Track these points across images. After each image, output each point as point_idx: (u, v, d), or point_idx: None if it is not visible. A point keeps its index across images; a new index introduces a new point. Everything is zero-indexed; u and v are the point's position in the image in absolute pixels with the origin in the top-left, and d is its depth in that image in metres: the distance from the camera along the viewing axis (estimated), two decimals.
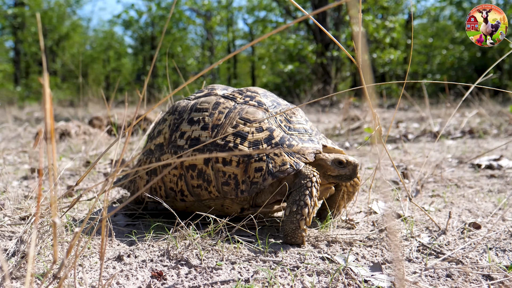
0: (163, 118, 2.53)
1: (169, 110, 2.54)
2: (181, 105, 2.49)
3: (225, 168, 2.23)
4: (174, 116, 2.45)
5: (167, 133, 2.37)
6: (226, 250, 2.04)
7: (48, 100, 1.19)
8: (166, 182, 2.37)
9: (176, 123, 2.41)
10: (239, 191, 2.21)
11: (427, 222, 2.53)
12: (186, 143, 2.32)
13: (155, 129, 2.56)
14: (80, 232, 1.40)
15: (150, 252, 2.04)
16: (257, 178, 2.19)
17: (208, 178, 2.25)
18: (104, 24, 40.90)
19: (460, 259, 1.94)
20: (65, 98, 24.46)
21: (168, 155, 2.35)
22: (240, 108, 2.35)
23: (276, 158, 2.21)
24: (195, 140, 2.31)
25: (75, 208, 2.84)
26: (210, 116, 2.33)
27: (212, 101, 2.40)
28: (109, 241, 2.21)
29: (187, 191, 2.32)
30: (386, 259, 1.97)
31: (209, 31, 29.96)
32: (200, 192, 2.29)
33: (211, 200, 2.31)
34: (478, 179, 3.76)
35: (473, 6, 23.71)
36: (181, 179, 2.32)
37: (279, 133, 2.29)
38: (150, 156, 2.47)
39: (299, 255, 2.00)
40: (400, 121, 9.15)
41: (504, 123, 7.43)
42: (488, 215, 2.67)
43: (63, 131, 6.58)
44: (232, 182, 2.22)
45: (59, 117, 11.98)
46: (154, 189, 2.43)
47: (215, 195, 2.27)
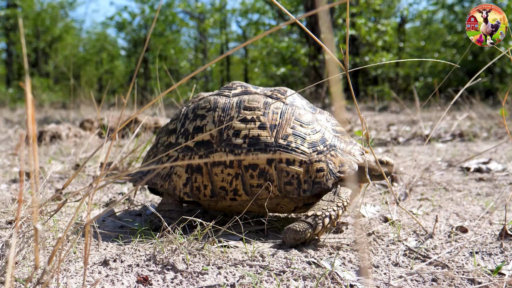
0: (197, 114, 2.45)
1: (201, 106, 2.47)
2: (219, 101, 2.44)
3: (288, 168, 2.29)
4: (217, 113, 2.40)
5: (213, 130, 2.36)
6: (213, 254, 2.03)
7: (30, 105, 1.19)
8: (216, 181, 2.33)
9: (223, 120, 2.38)
10: (301, 190, 2.28)
11: (414, 226, 2.53)
12: (244, 142, 2.31)
13: (182, 126, 2.48)
14: (63, 238, 1.40)
15: (136, 257, 2.03)
16: (319, 178, 2.29)
17: (270, 177, 2.29)
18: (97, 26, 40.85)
19: (446, 263, 1.94)
20: (57, 100, 24.37)
21: (221, 153, 2.31)
22: (291, 109, 2.41)
23: (334, 159, 2.34)
24: (255, 139, 2.32)
25: (62, 211, 2.83)
26: (265, 115, 2.36)
27: (260, 100, 2.42)
28: (95, 245, 2.20)
29: (243, 190, 2.32)
30: (373, 263, 1.98)
31: (202, 33, 29.94)
32: (262, 191, 2.31)
33: (268, 200, 2.34)
34: (467, 182, 3.78)
35: (464, 9, 23.84)
36: (237, 178, 2.31)
37: (329, 135, 2.42)
38: (189, 153, 2.37)
39: (286, 260, 2.00)
40: (392, 124, 9.18)
41: (494, 126, 7.47)
42: (475, 219, 2.68)
43: (53, 133, 6.56)
44: (295, 182, 2.29)
45: (51, 120, 11.93)
46: (196, 188, 2.36)
47: (276, 194, 2.31)
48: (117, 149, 5.26)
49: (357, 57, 20.24)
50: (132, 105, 16.27)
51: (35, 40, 31.63)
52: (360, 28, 17.46)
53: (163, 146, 2.51)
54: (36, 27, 31.49)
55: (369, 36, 18.29)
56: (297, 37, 19.54)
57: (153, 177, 2.41)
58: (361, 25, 17.40)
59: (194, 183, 2.35)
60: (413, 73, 28.14)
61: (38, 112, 16.07)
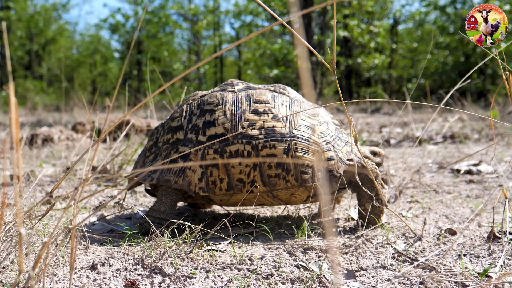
0: (204, 109, 2.45)
1: (208, 101, 2.47)
2: (227, 96, 2.46)
3: (304, 157, 2.36)
4: (228, 107, 2.42)
5: (227, 123, 2.34)
6: (202, 258, 2.03)
7: (14, 109, 1.19)
8: (233, 173, 2.33)
9: (236, 113, 2.40)
10: (316, 178, 2.37)
11: (403, 228, 2.54)
12: (260, 133, 2.35)
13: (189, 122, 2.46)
14: (49, 242, 1.40)
15: (124, 261, 2.03)
16: (331, 166, 2.41)
17: (287, 167, 2.34)
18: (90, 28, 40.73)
19: (434, 266, 1.95)
20: (51, 103, 24.29)
21: (238, 145, 2.32)
22: (298, 103, 2.51)
23: (341, 148, 2.48)
24: (270, 130, 2.36)
25: (52, 215, 2.83)
26: (275, 108, 2.42)
27: (268, 93, 2.48)
28: (84, 249, 2.19)
29: (260, 182, 2.34)
30: (361, 266, 1.98)
31: (195, 35, 29.93)
32: (277, 181, 2.35)
33: (284, 190, 2.38)
34: (457, 184, 3.79)
35: (456, 11, 23.95)
36: (255, 169, 2.34)
37: (332, 126, 2.55)
38: (202, 148, 2.36)
39: (274, 263, 2.00)
40: (384, 126, 9.20)
41: (485, 128, 7.50)
42: (465, 221, 2.69)
43: (45, 136, 6.54)
44: (309, 170, 2.36)
45: (44, 122, 11.89)
46: (212, 182, 2.35)
47: (292, 183, 2.35)
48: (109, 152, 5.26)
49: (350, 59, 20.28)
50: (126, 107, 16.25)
51: (29, 43, 31.54)
52: (353, 30, 17.49)
53: (167, 143, 2.48)
54: (30, 29, 31.39)
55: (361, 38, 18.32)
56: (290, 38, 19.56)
57: (165, 173, 2.39)
58: (353, 27, 17.44)
59: (209, 177, 2.34)
60: (406, 75, 28.24)
61: (31, 115, 16.02)
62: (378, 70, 25.61)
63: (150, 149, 2.58)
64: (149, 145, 2.61)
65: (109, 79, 35.85)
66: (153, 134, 2.64)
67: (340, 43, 23.42)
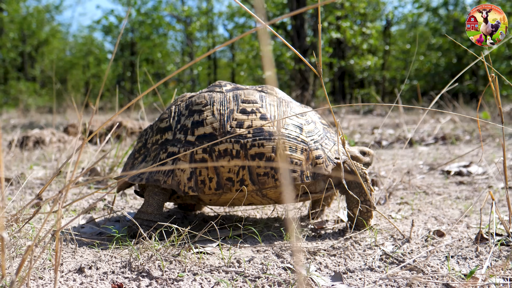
0: (192, 110, 2.47)
1: (196, 102, 2.49)
2: (215, 96, 2.49)
3: (292, 156, 2.39)
4: (216, 107, 2.44)
5: (215, 123, 2.37)
6: (189, 260, 2.03)
7: None
8: (222, 172, 2.35)
9: (224, 113, 2.42)
10: (304, 176, 2.40)
11: (392, 230, 2.55)
12: (248, 132, 2.37)
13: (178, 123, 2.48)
14: (32, 246, 1.39)
15: (112, 264, 2.02)
16: (319, 164, 2.43)
17: (276, 166, 2.35)
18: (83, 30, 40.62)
19: (421, 268, 1.95)
20: (43, 105, 24.20)
21: (227, 144, 2.35)
22: (285, 102, 2.55)
23: (328, 147, 2.52)
24: (258, 129, 2.39)
25: (41, 218, 2.82)
26: (263, 107, 2.46)
27: (255, 93, 2.51)
28: (72, 252, 2.19)
29: (249, 180, 2.36)
30: (349, 268, 1.98)
31: (189, 37, 29.90)
32: (266, 180, 2.36)
33: (273, 188, 2.40)
34: (447, 186, 3.80)
35: (448, 13, 24.03)
36: (244, 168, 2.35)
37: (320, 126, 2.59)
38: (190, 147, 2.38)
39: (262, 265, 2.00)
40: (376, 127, 9.22)
41: (477, 129, 7.52)
42: (453, 223, 2.69)
43: (37, 139, 6.52)
44: (298, 169, 2.39)
45: (36, 124, 11.85)
46: (201, 182, 2.36)
47: (282, 182, 2.36)
48: (100, 154, 5.24)
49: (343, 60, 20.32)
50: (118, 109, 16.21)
51: (21, 44, 31.42)
52: (345, 31, 17.52)
53: (156, 144, 2.48)
54: (22, 31, 31.27)
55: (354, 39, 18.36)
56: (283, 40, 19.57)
57: (154, 174, 2.39)
58: (346, 28, 17.47)
59: (199, 176, 2.36)
60: (399, 76, 28.31)
61: (24, 117, 15.96)
62: (371, 71, 25.69)
63: (139, 150, 2.58)
64: (138, 146, 2.61)
65: (102, 80, 35.73)
66: (141, 136, 2.64)
67: (333, 45, 23.46)
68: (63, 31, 37.77)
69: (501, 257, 2.08)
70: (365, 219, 2.53)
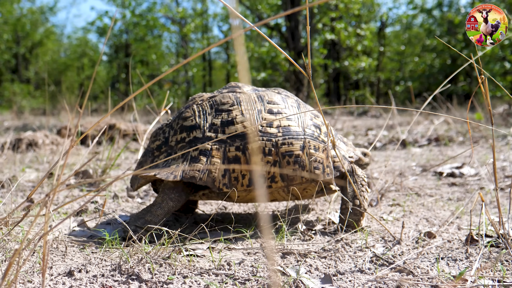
0: (219, 109, 2.54)
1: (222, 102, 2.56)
2: (240, 97, 2.58)
3: (315, 154, 2.54)
4: (244, 107, 2.53)
5: (246, 122, 2.46)
6: (179, 263, 2.03)
7: None
8: (255, 169, 2.42)
9: (252, 113, 2.52)
10: (325, 174, 2.56)
11: (383, 232, 2.55)
12: (278, 131, 2.50)
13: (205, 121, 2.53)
14: (20, 249, 1.39)
15: (102, 267, 2.01)
16: (337, 162, 2.60)
17: (303, 163, 2.50)
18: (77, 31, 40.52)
19: (411, 270, 1.96)
20: (38, 107, 24.13)
21: (260, 142, 2.46)
22: (303, 104, 2.72)
23: (342, 147, 2.74)
24: (287, 128, 2.52)
25: (30, 221, 2.80)
26: (286, 108, 2.60)
27: (277, 95, 2.65)
28: (62, 255, 2.18)
29: (279, 177, 2.48)
30: (339, 271, 1.98)
31: (183, 38, 29.87)
32: (294, 177, 2.49)
33: (298, 185, 2.54)
34: (439, 187, 3.81)
35: (442, 14, 24.11)
36: (275, 165, 2.46)
37: None
38: (223, 145, 2.45)
39: (252, 268, 2.00)
40: (370, 129, 9.23)
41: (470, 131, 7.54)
42: (445, 224, 2.70)
43: (30, 141, 6.50)
44: (320, 166, 2.55)
45: (30, 126, 11.81)
46: (234, 178, 2.44)
47: (306, 178, 2.51)
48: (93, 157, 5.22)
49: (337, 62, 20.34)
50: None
51: (15, 46, 31.33)
52: (340, 33, 17.54)
53: (182, 142, 2.51)
54: (16, 33, 31.19)
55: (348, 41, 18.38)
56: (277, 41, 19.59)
57: (189, 171, 2.41)
58: (340, 30, 17.49)
59: (232, 173, 2.43)
60: (394, 77, 28.36)
61: (18, 119, 15.91)
62: (366, 72, 25.73)
63: (158, 148, 2.59)
64: (155, 145, 2.61)
65: (97, 82, 35.68)
66: (158, 134, 2.65)
67: (327, 46, 23.50)
68: (57, 33, 37.68)
69: (491, 258, 2.08)
70: (356, 219, 2.59)
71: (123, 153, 6.16)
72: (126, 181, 4.16)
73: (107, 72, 34.36)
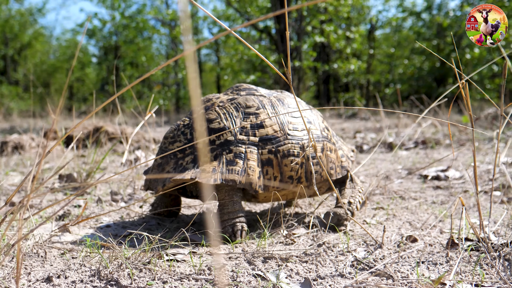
0: (246, 112, 2.60)
1: (247, 105, 2.62)
2: (263, 100, 2.68)
3: (330, 155, 2.76)
4: (269, 110, 2.64)
5: (275, 125, 2.58)
6: (160, 268, 2.02)
7: None
8: (285, 171, 2.57)
9: (279, 116, 2.64)
10: (337, 173, 2.80)
11: (365, 236, 2.55)
12: (303, 135, 2.65)
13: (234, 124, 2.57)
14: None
15: (81, 272, 2.00)
16: (344, 162, 2.86)
17: (323, 164, 2.65)
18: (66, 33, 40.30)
19: (391, 274, 1.96)
20: (26, 109, 24.00)
21: (290, 145, 2.58)
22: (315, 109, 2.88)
23: (344, 149, 2.98)
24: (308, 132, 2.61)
25: (14, 226, 2.78)
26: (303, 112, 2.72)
27: (292, 98, 2.80)
28: (41, 261, 2.16)
29: (304, 178, 2.62)
30: (319, 275, 1.98)
31: (173, 40, 29.83)
32: (316, 177, 2.66)
33: (317, 184, 2.72)
34: (424, 191, 3.83)
35: (432, 17, 24.25)
36: (302, 166, 2.61)
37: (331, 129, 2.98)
38: (255, 148, 2.53)
39: (232, 273, 1.99)
40: (358, 132, 9.26)
41: (457, 133, 7.59)
42: (427, 228, 2.71)
43: (16, 144, 6.46)
44: (334, 166, 2.77)
45: (18, 129, 11.74)
46: (268, 180, 2.54)
47: (324, 178, 2.72)
48: (78, 159, 5.20)
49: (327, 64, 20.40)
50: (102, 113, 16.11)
51: (4, 48, 31.13)
52: (329, 35, 17.59)
53: (212, 145, 2.52)
54: (4, 34, 31.00)
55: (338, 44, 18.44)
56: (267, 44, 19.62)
57: (228, 173, 2.44)
58: (330, 32, 17.53)
59: (265, 175, 2.53)
60: (384, 80, 28.48)
61: (5, 121, 15.82)
62: (356, 75, 25.80)
63: (182, 150, 2.58)
64: (176, 146, 2.61)
65: (86, 84, 35.54)
66: (176, 136, 2.65)
67: (317, 49, 23.54)
68: (46, 34, 37.46)
69: (471, 262, 2.09)
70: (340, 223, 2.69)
71: (109, 156, 6.13)
72: (110, 185, 4.14)
73: (96, 74, 34.23)
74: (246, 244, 2.43)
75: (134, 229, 2.69)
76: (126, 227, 2.80)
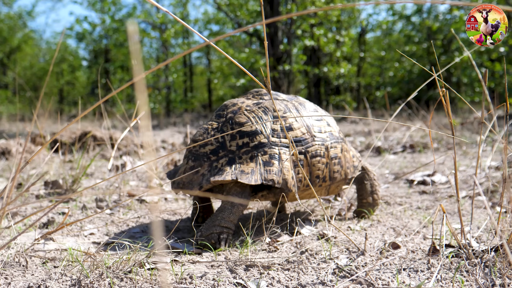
0: (275, 116, 2.70)
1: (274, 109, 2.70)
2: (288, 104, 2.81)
3: (347, 155, 2.94)
4: (295, 114, 2.76)
5: (302, 128, 2.71)
6: (141, 277, 2.01)
7: None
8: (313, 171, 2.71)
9: (304, 119, 2.77)
10: (351, 172, 2.97)
11: (348, 243, 2.56)
12: (326, 137, 2.81)
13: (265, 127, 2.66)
14: None
15: (62, 282, 1.99)
16: (355, 162, 3.04)
17: (342, 164, 2.86)
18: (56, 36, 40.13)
19: (372, 281, 1.96)
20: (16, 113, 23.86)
21: (317, 146, 2.73)
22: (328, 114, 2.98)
23: (353, 149, 3.11)
24: (330, 134, 2.85)
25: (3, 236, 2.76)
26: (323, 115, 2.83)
27: (309, 103, 2.95)
28: (22, 271, 2.15)
29: (328, 177, 2.78)
30: (301, 283, 1.98)
31: (164, 43, 29.79)
32: (337, 176, 2.84)
33: (337, 183, 2.88)
34: (409, 196, 3.84)
35: (422, 20, 24.37)
36: (327, 166, 2.76)
37: None
38: (287, 150, 2.63)
39: (213, 281, 1.99)
40: (348, 135, 9.28)
41: (445, 137, 7.62)
42: (411, 234, 2.72)
43: (3, 149, 6.41)
44: (350, 165, 2.95)
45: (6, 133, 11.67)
46: (299, 180, 2.66)
47: (342, 177, 2.89)
48: (65, 165, 5.18)
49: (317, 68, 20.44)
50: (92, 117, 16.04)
51: None
52: (319, 39, 17.63)
53: (246, 147, 2.58)
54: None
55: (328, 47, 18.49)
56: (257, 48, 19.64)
57: (265, 174, 2.53)
58: (320, 36, 17.58)
59: (297, 175, 2.64)
60: (374, 83, 28.58)
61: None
62: (346, 78, 25.88)
63: (214, 152, 2.61)
64: (208, 149, 2.64)
65: (77, 88, 35.40)
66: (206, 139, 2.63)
67: (308, 52, 23.59)
68: (36, 38, 37.29)
69: (452, 269, 2.10)
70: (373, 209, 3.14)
71: (97, 161, 6.11)
72: (96, 191, 4.12)
73: (87, 78, 34.11)
74: (229, 252, 2.43)
75: (118, 237, 2.69)
76: (109, 235, 2.79)
